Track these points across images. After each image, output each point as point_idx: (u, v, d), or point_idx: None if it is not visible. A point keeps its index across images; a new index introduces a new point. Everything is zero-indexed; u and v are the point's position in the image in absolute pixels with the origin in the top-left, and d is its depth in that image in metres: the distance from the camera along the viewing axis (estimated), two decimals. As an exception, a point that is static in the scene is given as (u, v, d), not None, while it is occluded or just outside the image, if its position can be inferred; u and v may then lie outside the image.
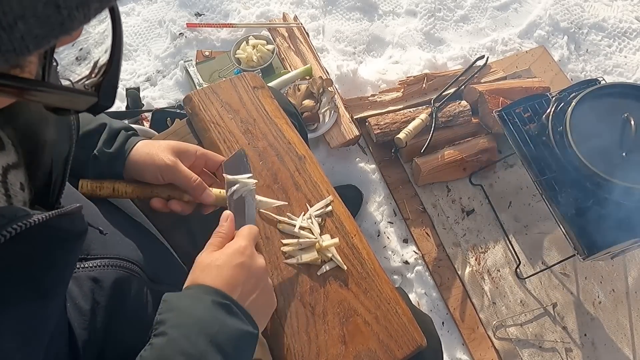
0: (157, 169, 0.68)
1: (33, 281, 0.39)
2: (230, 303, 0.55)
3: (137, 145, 0.70)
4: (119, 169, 0.69)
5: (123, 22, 0.37)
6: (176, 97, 1.68)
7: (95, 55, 0.38)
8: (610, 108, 1.15)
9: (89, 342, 0.49)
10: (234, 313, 0.55)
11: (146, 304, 0.58)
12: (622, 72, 1.88)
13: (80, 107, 0.37)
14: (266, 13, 1.88)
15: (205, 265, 0.59)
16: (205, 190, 0.70)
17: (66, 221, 0.41)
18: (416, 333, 0.70)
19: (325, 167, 1.56)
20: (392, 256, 1.47)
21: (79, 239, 0.45)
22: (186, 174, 0.69)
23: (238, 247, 0.61)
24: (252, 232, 0.64)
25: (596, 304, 1.44)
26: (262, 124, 0.87)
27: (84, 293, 0.50)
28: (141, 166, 0.69)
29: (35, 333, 0.40)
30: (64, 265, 0.43)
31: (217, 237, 0.63)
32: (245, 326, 0.55)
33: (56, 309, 0.43)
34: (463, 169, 1.56)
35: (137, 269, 0.59)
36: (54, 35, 0.29)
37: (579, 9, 2.02)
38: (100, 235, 0.56)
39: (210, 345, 0.50)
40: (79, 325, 0.48)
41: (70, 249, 0.44)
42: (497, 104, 1.50)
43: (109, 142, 0.68)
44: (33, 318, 0.39)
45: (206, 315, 0.52)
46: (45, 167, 0.46)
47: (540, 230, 1.52)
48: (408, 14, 1.98)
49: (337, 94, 1.59)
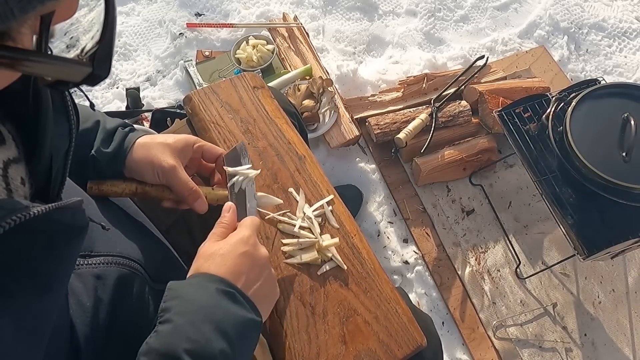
0: (156, 171, 0.68)
1: (34, 274, 0.39)
2: (234, 291, 0.55)
3: (135, 145, 0.70)
4: (119, 168, 0.69)
5: (123, 22, 0.37)
6: (176, 97, 1.68)
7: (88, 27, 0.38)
8: (610, 108, 1.15)
9: (90, 338, 0.49)
10: (238, 301, 0.55)
11: (147, 302, 0.59)
12: (622, 72, 1.88)
13: (75, 79, 0.37)
14: (266, 13, 1.88)
15: (209, 255, 0.59)
16: (198, 199, 0.70)
17: (67, 215, 0.41)
18: (416, 333, 0.70)
19: (325, 167, 1.56)
20: (392, 256, 1.47)
21: (80, 234, 0.44)
22: (182, 181, 0.69)
23: (242, 236, 0.61)
24: (254, 222, 0.65)
25: (596, 304, 1.44)
26: (262, 124, 0.87)
27: (87, 289, 0.50)
28: (141, 167, 0.69)
29: (36, 326, 0.40)
30: (65, 259, 0.43)
31: (219, 227, 0.64)
32: (249, 314, 0.55)
33: (57, 303, 0.43)
34: (463, 169, 1.56)
35: (139, 268, 0.59)
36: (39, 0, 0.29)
37: (579, 9, 2.02)
38: (103, 233, 0.57)
39: (215, 331, 0.51)
40: (81, 322, 0.48)
41: (71, 244, 0.44)
42: (497, 104, 1.50)
43: (106, 141, 0.68)
44: (34, 311, 0.39)
45: (211, 303, 0.53)
46: (45, 162, 0.46)
47: (540, 230, 1.52)
48: (408, 14, 1.98)
49: (337, 94, 1.59)
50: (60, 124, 0.49)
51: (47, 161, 0.46)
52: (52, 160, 0.47)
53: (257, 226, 0.65)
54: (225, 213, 0.66)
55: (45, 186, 0.48)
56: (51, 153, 0.47)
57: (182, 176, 0.69)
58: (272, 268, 0.64)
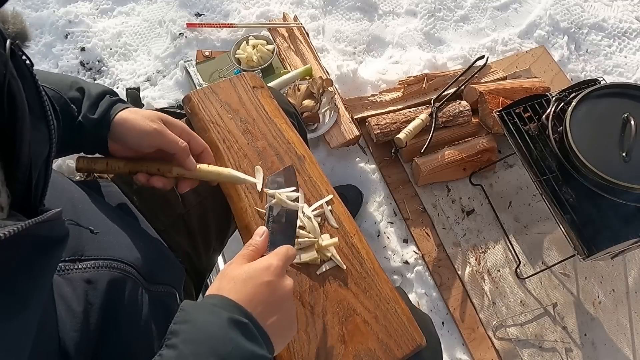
0: (143, 134, 0.67)
1: (10, 290, 0.37)
2: (248, 322, 0.52)
3: (122, 112, 0.69)
4: (104, 133, 0.67)
5: (123, 22, 0.36)
6: (176, 97, 1.68)
7: None
8: (610, 108, 1.15)
9: (81, 344, 0.48)
10: (249, 334, 0.52)
11: (141, 304, 0.58)
12: (622, 72, 1.88)
13: None
14: (266, 13, 1.88)
15: (231, 277, 0.57)
16: (189, 155, 0.69)
17: (44, 228, 0.40)
18: (416, 332, 0.70)
19: (325, 167, 1.56)
20: (392, 256, 1.47)
21: (59, 245, 0.43)
22: (173, 137, 0.68)
23: (269, 264, 0.58)
24: (288, 253, 0.61)
25: (596, 304, 1.44)
26: (261, 124, 0.87)
27: (77, 295, 0.49)
28: (125, 131, 0.68)
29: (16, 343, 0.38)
30: (43, 271, 0.41)
31: (248, 249, 0.61)
32: (260, 350, 0.52)
33: (36, 317, 0.41)
34: (463, 169, 1.56)
35: (131, 270, 0.58)
36: None
37: (579, 9, 2.02)
38: (93, 236, 0.56)
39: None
40: (71, 328, 0.47)
41: (50, 255, 0.42)
42: (497, 104, 1.50)
43: (92, 107, 0.67)
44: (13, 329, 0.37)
45: (220, 334, 0.50)
46: (24, 169, 0.45)
47: (540, 230, 1.52)
48: (408, 14, 1.98)
49: (337, 94, 1.59)
50: (39, 129, 0.48)
51: (26, 168, 0.45)
52: (31, 166, 0.46)
53: (290, 258, 0.62)
54: (256, 236, 0.63)
55: (26, 193, 0.46)
56: (30, 159, 0.45)
57: (171, 134, 0.68)
58: (294, 303, 0.61)
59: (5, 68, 0.42)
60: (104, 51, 1.80)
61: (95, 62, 1.79)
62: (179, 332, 0.50)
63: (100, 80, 1.75)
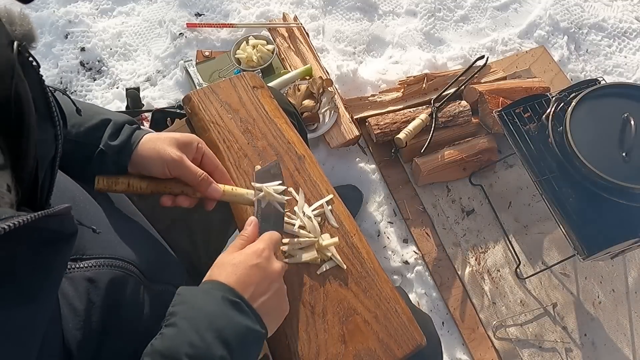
0: (164, 163, 0.69)
1: (21, 284, 0.38)
2: (240, 301, 0.57)
3: (142, 140, 0.70)
4: (125, 161, 0.69)
5: (123, 22, 0.37)
6: (176, 97, 1.68)
7: None
8: (610, 108, 1.15)
9: (84, 343, 0.49)
10: (243, 311, 0.56)
11: (142, 303, 0.59)
12: (622, 72, 1.88)
13: None
14: (266, 13, 1.88)
15: (222, 264, 0.62)
16: (211, 184, 0.71)
17: (55, 222, 0.41)
18: (416, 332, 0.70)
19: (325, 167, 1.56)
20: (392, 256, 1.47)
21: (69, 241, 0.44)
22: (192, 169, 0.70)
23: (256, 249, 0.63)
24: (272, 237, 0.66)
25: (596, 304, 1.44)
26: (261, 124, 0.87)
27: (79, 293, 0.50)
28: (148, 160, 0.69)
29: (25, 337, 0.39)
30: (53, 267, 0.42)
31: (239, 239, 0.66)
32: (253, 324, 0.57)
33: (46, 312, 0.42)
34: (463, 169, 1.56)
35: (133, 269, 0.59)
36: None
37: (579, 9, 2.02)
38: (95, 235, 0.56)
39: (217, 339, 0.52)
40: (73, 326, 0.48)
41: (60, 251, 0.43)
42: (497, 104, 1.50)
43: (114, 135, 0.69)
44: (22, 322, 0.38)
45: (215, 310, 0.55)
46: (30, 170, 0.45)
47: (540, 230, 1.52)
48: (408, 14, 1.98)
49: (337, 94, 1.59)
50: (45, 130, 0.49)
51: (32, 168, 0.45)
52: (37, 166, 0.46)
53: (275, 241, 0.67)
54: (247, 226, 0.68)
55: (32, 193, 0.47)
56: (36, 160, 0.46)
57: (190, 166, 0.70)
58: (284, 284, 0.65)
59: (13, 70, 0.43)
60: (104, 51, 1.80)
61: (95, 62, 1.79)
62: (177, 312, 0.54)
63: (100, 80, 1.75)
